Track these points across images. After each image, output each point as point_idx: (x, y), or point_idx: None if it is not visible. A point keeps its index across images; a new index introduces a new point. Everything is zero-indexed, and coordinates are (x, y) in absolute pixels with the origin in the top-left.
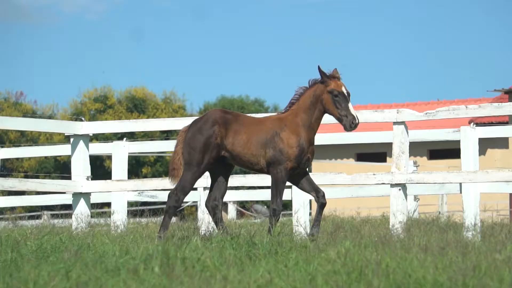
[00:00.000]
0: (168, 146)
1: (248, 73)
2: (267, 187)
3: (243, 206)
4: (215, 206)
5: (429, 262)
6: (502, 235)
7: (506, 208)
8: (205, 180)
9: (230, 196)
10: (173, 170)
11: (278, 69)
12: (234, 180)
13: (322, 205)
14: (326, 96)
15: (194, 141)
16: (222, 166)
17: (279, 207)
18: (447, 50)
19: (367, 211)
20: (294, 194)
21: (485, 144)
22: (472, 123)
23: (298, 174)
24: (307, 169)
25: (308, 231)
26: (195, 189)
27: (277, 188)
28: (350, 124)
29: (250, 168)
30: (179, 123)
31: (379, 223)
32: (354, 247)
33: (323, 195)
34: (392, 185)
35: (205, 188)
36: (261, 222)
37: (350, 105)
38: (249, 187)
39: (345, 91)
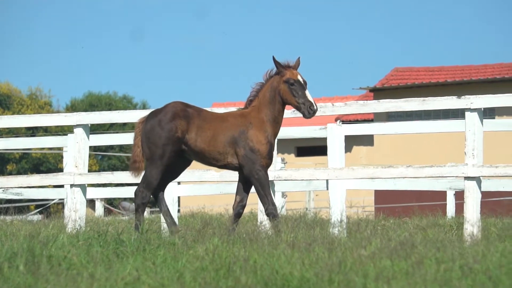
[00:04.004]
0: (33, 143)
1: (116, 69)
2: (135, 184)
3: (111, 203)
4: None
5: (296, 258)
6: (367, 231)
7: (372, 204)
8: (72, 177)
9: (97, 193)
10: (134, 163)
11: (147, 65)
12: (101, 177)
13: (237, 214)
14: (283, 86)
15: (153, 135)
16: (181, 160)
17: (274, 206)
18: (313, 48)
19: None
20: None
21: (351, 141)
22: (338, 120)
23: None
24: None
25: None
26: (83, 185)
27: (263, 189)
28: (309, 111)
29: (213, 164)
30: (45, 120)
31: (247, 219)
32: (222, 244)
33: (242, 206)
34: None
35: (72, 185)
36: (129, 219)
37: (307, 92)
38: (117, 184)
39: (301, 79)
